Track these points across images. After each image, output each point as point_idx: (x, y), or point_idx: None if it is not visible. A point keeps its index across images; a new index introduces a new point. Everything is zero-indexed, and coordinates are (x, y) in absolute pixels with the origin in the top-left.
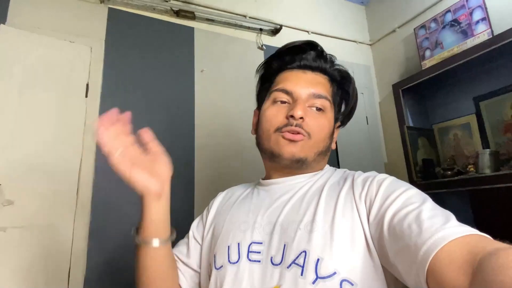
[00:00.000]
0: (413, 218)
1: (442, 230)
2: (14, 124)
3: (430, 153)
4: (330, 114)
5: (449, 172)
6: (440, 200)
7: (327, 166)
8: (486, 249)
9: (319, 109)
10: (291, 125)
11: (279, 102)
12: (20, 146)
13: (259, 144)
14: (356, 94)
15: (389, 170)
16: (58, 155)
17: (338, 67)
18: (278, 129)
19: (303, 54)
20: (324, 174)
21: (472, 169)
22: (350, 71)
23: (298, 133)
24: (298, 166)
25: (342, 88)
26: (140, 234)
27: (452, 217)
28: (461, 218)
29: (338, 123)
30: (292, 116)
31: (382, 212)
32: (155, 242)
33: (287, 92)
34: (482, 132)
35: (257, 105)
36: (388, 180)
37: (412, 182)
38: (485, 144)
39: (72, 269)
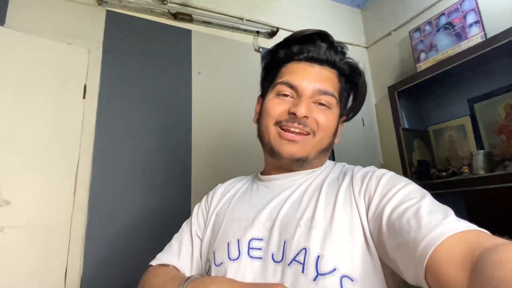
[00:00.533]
0: (412, 214)
1: (441, 226)
2: (11, 125)
3: (425, 155)
4: (335, 110)
5: (444, 173)
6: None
7: (327, 161)
8: (485, 244)
9: (323, 104)
10: (292, 122)
11: (282, 95)
12: (18, 146)
13: (259, 136)
14: (365, 88)
15: None
16: (55, 156)
17: (348, 60)
18: (278, 123)
19: (312, 45)
20: (324, 170)
21: (466, 170)
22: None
23: (301, 132)
24: (298, 164)
25: (351, 81)
26: None
27: (451, 212)
28: None
29: (344, 118)
30: (294, 114)
31: (381, 207)
32: None
33: (291, 86)
34: (476, 134)
35: (261, 92)
36: (387, 176)
37: None
38: (479, 145)
39: (69, 270)
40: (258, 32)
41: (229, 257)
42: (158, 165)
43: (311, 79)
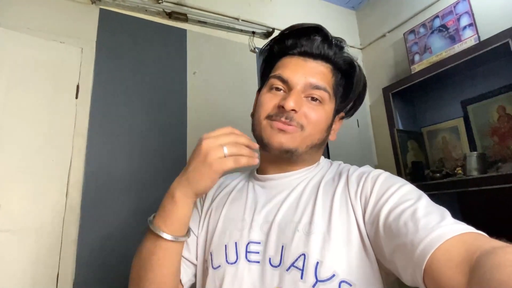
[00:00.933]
0: (409, 216)
1: (438, 229)
2: (1, 125)
3: (419, 156)
4: (328, 105)
5: (438, 175)
6: None
7: (322, 158)
8: (483, 247)
9: (315, 99)
10: (280, 116)
11: (274, 89)
12: (8, 147)
13: (252, 129)
14: (364, 84)
15: None
16: (47, 157)
17: (343, 54)
18: (269, 117)
19: (306, 40)
20: (320, 170)
21: (460, 171)
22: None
23: (290, 124)
24: (288, 156)
25: (348, 77)
26: (168, 229)
27: (447, 214)
28: None
29: (342, 114)
30: (282, 107)
31: (377, 209)
32: (182, 238)
33: (283, 80)
34: (470, 135)
35: (259, 86)
36: (383, 177)
37: None
38: (473, 147)
39: (61, 274)
40: (253, 32)
41: (227, 261)
42: (153, 167)
43: (303, 73)
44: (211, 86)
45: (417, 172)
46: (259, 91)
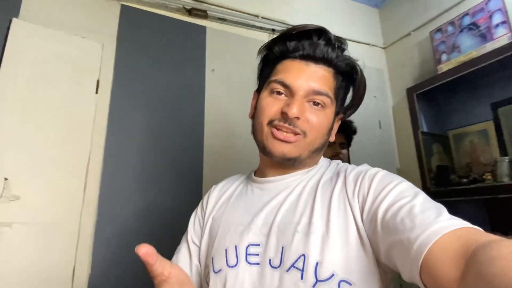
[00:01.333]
0: (406, 213)
1: (435, 224)
2: (22, 119)
3: (445, 160)
4: (329, 110)
5: (465, 180)
6: (455, 208)
7: (322, 158)
8: (479, 241)
9: (317, 104)
10: (284, 122)
11: (275, 93)
12: (29, 140)
13: (253, 133)
14: (364, 86)
15: (402, 175)
16: (67, 151)
17: (345, 57)
18: (271, 122)
19: (308, 43)
20: (319, 170)
21: (489, 177)
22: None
23: (293, 132)
24: (290, 163)
25: (349, 79)
26: None
27: (443, 210)
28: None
29: (341, 115)
30: (286, 114)
31: (375, 207)
32: None
33: (285, 85)
34: (500, 139)
35: (257, 87)
36: (380, 175)
37: (425, 188)
38: (503, 151)
39: (77, 268)
40: (273, 30)
41: (227, 264)
42: (170, 163)
43: (305, 78)
44: (229, 84)
45: (442, 177)
46: (257, 91)
